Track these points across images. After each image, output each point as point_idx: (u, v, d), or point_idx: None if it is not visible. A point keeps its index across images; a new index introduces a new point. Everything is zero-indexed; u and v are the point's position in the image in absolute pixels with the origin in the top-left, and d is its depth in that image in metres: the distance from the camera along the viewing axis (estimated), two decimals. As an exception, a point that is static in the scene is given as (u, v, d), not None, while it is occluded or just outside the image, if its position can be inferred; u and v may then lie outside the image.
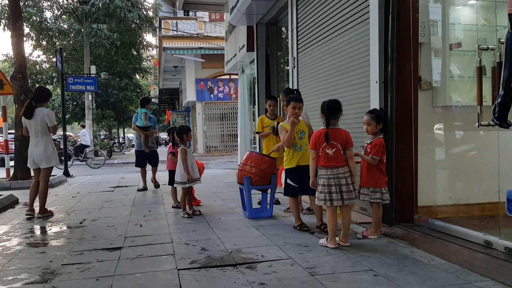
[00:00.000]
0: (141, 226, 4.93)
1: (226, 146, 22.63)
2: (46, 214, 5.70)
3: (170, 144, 6.20)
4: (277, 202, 5.94)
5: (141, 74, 29.26)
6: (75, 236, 4.52)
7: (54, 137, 22.15)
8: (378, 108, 4.51)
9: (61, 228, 5.00)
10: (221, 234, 4.34)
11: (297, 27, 7.09)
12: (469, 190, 4.87)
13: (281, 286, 2.83)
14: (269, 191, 5.27)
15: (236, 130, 19.83)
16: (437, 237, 3.97)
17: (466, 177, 4.87)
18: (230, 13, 9.98)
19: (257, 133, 6.34)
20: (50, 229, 5.00)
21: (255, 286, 2.84)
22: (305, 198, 5.20)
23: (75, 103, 24.45)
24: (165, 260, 3.51)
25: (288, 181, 4.50)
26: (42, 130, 5.62)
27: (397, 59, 4.53)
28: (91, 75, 17.13)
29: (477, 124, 3.88)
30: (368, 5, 4.83)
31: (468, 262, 3.22)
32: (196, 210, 5.54)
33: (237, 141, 18.79)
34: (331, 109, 3.83)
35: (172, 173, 6.05)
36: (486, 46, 3.68)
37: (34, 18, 18.40)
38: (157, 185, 8.26)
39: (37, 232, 4.89)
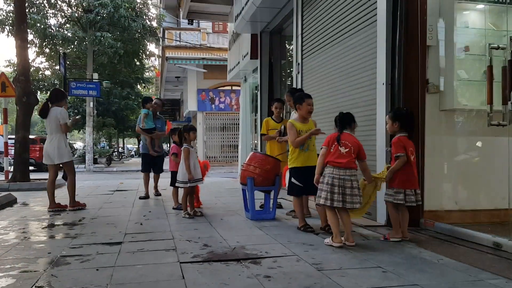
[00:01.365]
0: (141, 224, 4.84)
1: (226, 156, 22.53)
2: (77, 207, 6.00)
3: (173, 145, 6.14)
4: (280, 207, 5.85)
5: (143, 84, 29.31)
6: (74, 232, 4.43)
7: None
8: (395, 108, 4.37)
9: (59, 225, 4.90)
10: (224, 233, 4.25)
11: (302, 33, 7.10)
12: (475, 196, 4.81)
13: (287, 279, 2.75)
14: (272, 192, 5.20)
15: (236, 141, 19.76)
16: (444, 240, 3.89)
17: (473, 182, 4.80)
18: (235, 21, 10.03)
19: (261, 135, 6.26)
20: (49, 225, 4.89)
21: (260, 278, 2.76)
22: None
23: (76, 111, 24.37)
24: (166, 254, 3.42)
25: (293, 180, 4.41)
26: (56, 128, 5.84)
27: (405, 62, 4.51)
28: (94, 80, 17.13)
29: (487, 124, 3.82)
30: (376, 8, 4.83)
31: (478, 261, 3.14)
32: (197, 211, 5.45)
33: (237, 152, 18.68)
34: (343, 119, 3.84)
35: (174, 174, 5.98)
36: (496, 45, 3.66)
37: (38, 25, 18.50)
38: (158, 194, 7.48)
39: (35, 227, 4.78)
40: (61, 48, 19.54)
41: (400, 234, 3.88)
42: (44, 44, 19.80)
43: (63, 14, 20.63)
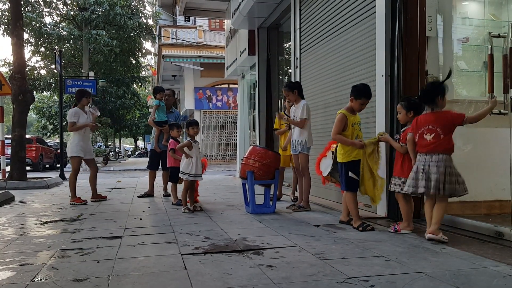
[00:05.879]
0: (141, 219, 4.82)
1: (224, 155, 22.46)
2: (97, 199, 6.51)
3: (171, 140, 6.10)
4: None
5: (139, 83, 29.20)
6: (73, 227, 4.40)
7: (50, 143, 21.67)
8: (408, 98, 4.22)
9: (58, 221, 4.86)
10: (224, 226, 4.23)
11: (300, 27, 7.08)
12: (475, 188, 4.78)
13: (290, 268, 2.73)
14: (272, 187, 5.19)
15: (234, 140, 19.69)
16: (446, 230, 3.86)
17: (472, 174, 4.77)
18: (232, 17, 9.98)
19: (274, 130, 6.36)
20: (48, 221, 4.85)
21: (263, 268, 2.74)
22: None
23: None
24: (167, 247, 3.40)
25: (351, 174, 4.12)
26: None
27: (404, 53, 4.49)
28: (90, 78, 17.06)
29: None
30: (375, 0, 4.81)
31: (480, 250, 3.14)
32: (197, 206, 5.43)
33: (234, 150, 18.59)
34: (423, 98, 3.59)
35: (172, 170, 5.97)
36: (497, 34, 3.64)
37: (34, 24, 18.40)
38: (167, 194, 6.94)
39: (34, 223, 4.74)
40: (56, 47, 19.44)
41: (412, 226, 3.83)
42: (39, 43, 19.74)
43: (58, 12, 20.58)
